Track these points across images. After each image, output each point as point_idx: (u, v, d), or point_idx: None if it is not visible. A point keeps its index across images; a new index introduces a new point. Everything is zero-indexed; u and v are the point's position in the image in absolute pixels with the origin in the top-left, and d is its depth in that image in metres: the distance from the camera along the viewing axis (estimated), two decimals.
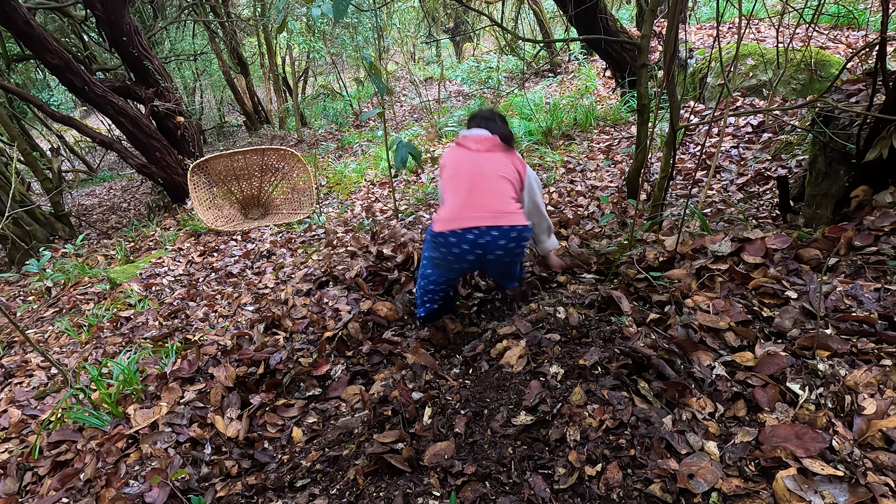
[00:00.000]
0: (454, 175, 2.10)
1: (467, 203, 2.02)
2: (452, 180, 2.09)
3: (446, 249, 2.04)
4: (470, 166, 2.09)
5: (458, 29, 13.27)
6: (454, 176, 2.10)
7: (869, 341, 1.50)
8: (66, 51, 5.24)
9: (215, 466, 1.78)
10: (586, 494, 1.30)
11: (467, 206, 2.01)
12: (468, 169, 2.08)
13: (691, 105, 4.72)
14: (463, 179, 2.06)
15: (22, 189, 5.70)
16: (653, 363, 1.59)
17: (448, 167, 2.14)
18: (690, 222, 2.69)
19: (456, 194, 2.05)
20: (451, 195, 2.06)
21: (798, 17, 2.89)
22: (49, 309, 3.76)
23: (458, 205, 2.03)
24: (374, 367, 2.25)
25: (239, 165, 5.50)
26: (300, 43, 9.46)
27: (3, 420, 2.34)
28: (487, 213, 1.99)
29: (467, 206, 2.01)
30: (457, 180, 2.08)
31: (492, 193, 2.03)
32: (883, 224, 1.95)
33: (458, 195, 2.04)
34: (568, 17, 5.54)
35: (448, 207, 2.05)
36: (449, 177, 2.12)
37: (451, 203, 2.05)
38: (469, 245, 1.99)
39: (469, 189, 2.03)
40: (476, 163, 2.09)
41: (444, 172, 2.15)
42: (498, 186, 2.05)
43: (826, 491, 1.14)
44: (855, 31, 5.55)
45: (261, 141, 10.18)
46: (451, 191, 2.07)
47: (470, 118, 2.30)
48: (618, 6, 10.85)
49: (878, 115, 1.89)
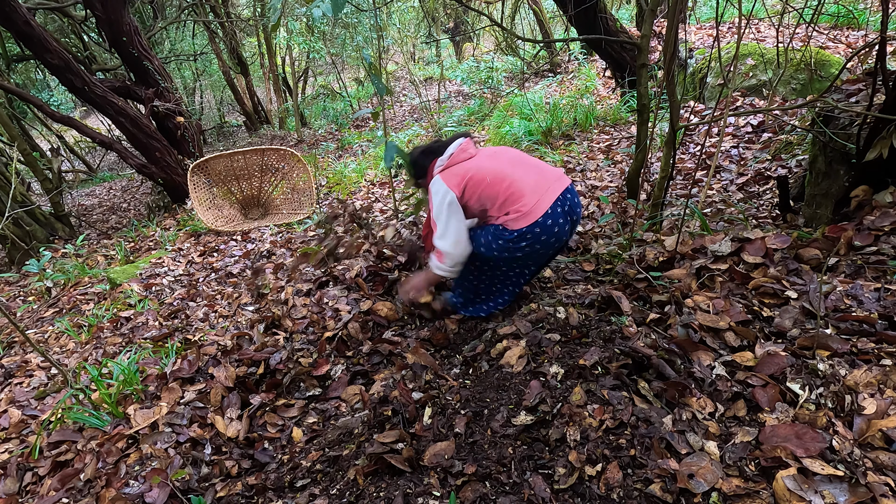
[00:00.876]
0: (498, 171, 2.00)
1: (536, 183, 1.98)
2: (501, 176, 1.99)
3: (536, 244, 1.98)
4: (502, 158, 2.08)
5: (458, 29, 13.27)
6: (499, 172, 2.00)
7: (869, 341, 1.50)
8: (66, 51, 5.24)
9: (215, 466, 1.78)
10: (586, 494, 1.30)
11: (538, 184, 1.99)
12: (503, 160, 2.07)
13: (691, 105, 4.72)
14: (509, 169, 2.01)
15: (22, 189, 5.70)
16: (653, 363, 1.59)
17: (483, 173, 2.01)
18: (690, 222, 2.69)
19: (517, 183, 1.97)
20: (514, 186, 1.97)
21: (798, 16, 2.89)
22: (49, 309, 3.76)
23: (529, 189, 1.96)
24: (374, 367, 2.24)
25: (239, 165, 5.50)
26: (300, 43, 9.47)
27: (3, 420, 2.34)
28: (553, 179, 2.03)
29: (538, 184, 1.99)
30: (506, 173, 2.00)
31: (539, 164, 2.10)
32: (883, 224, 1.95)
33: (521, 181, 1.97)
34: (568, 17, 5.54)
35: (520, 199, 1.95)
36: (495, 178, 1.99)
37: (519, 193, 1.96)
38: (562, 217, 2.00)
39: (524, 170, 2.02)
40: (498, 154, 2.11)
41: (483, 180, 2.00)
42: (535, 160, 2.14)
43: (826, 491, 1.14)
44: (855, 31, 5.55)
45: (261, 141, 10.18)
46: (508, 184, 1.97)
47: (434, 148, 2.19)
48: (618, 6, 10.85)
49: (878, 114, 1.89)
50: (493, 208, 2.00)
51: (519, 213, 1.94)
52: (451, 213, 2.02)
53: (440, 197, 2.02)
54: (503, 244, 2.00)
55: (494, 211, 2.00)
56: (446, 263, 2.08)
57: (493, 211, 2.01)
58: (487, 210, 2.02)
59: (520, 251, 2.00)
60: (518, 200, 1.95)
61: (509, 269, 2.15)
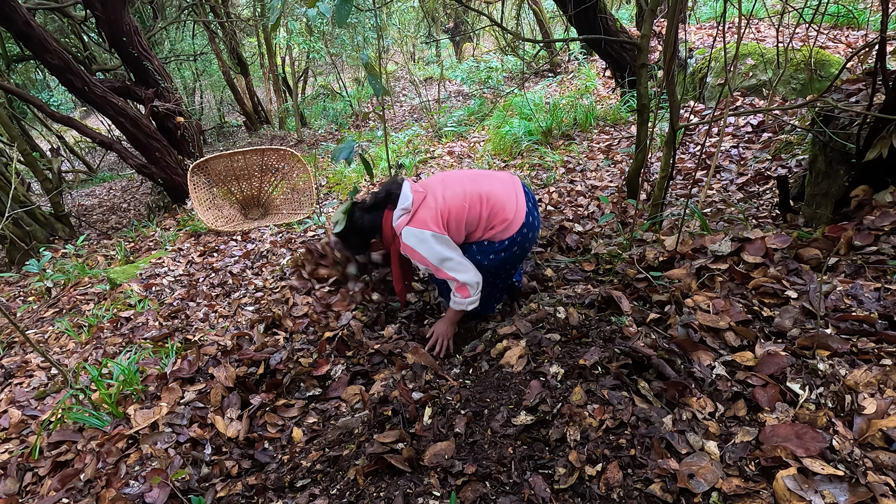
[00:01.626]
0: (469, 193, 1.97)
1: (505, 189, 2.01)
2: (474, 197, 1.98)
3: (525, 243, 2.03)
4: (459, 181, 2.02)
5: (458, 29, 13.27)
6: (470, 193, 1.98)
7: (869, 341, 1.50)
8: (66, 51, 5.23)
9: (215, 467, 1.78)
10: (586, 494, 1.30)
11: (507, 190, 2.01)
12: (463, 181, 2.01)
13: (691, 105, 4.72)
14: (476, 187, 1.99)
15: (22, 189, 5.70)
16: (653, 363, 1.59)
17: (457, 202, 1.96)
18: (690, 222, 2.69)
19: (492, 196, 1.98)
20: (491, 200, 1.98)
21: (798, 16, 2.89)
22: (49, 309, 3.76)
23: (504, 197, 1.99)
24: (375, 367, 2.25)
25: (239, 166, 5.50)
26: (300, 43, 9.47)
27: (4, 420, 2.34)
28: (510, 181, 2.06)
29: (507, 190, 2.01)
30: (476, 191, 1.98)
31: (492, 173, 2.10)
32: (883, 223, 1.95)
33: (493, 193, 1.98)
34: (568, 16, 5.54)
35: (503, 209, 1.97)
36: (471, 201, 1.97)
37: (499, 205, 1.98)
38: (535, 210, 2.05)
39: (488, 183, 2.02)
40: (451, 179, 2.04)
41: (462, 209, 1.96)
42: (485, 171, 2.15)
43: (826, 490, 1.14)
44: (855, 31, 5.55)
45: (261, 141, 10.18)
46: (485, 201, 1.98)
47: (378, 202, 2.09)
48: (618, 6, 10.85)
49: (878, 114, 1.89)
50: (479, 229, 1.99)
51: (506, 223, 1.97)
52: (450, 247, 1.95)
53: (430, 243, 1.91)
54: (496, 256, 2.02)
55: (479, 231, 1.99)
56: (473, 293, 2.01)
57: (477, 232, 2.00)
58: (472, 233, 2.01)
59: (512, 256, 2.04)
60: (501, 212, 1.97)
61: (503, 273, 2.16)
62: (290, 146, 9.09)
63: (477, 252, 2.03)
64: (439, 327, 2.19)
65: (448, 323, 2.16)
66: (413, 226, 1.92)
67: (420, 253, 1.92)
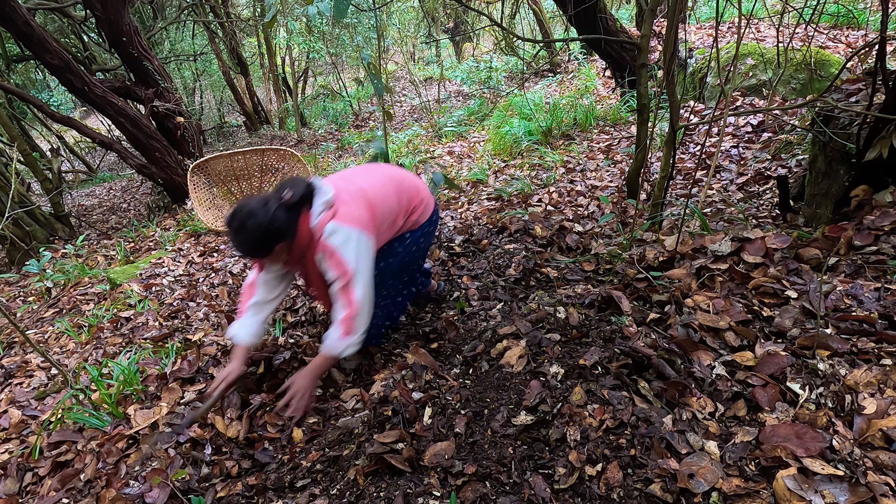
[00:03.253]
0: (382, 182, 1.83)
1: (405, 175, 1.97)
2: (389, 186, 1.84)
3: (436, 222, 2.03)
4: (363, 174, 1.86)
5: (458, 29, 13.27)
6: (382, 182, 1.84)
7: (869, 341, 1.50)
8: (66, 51, 5.24)
9: (215, 467, 1.78)
10: (586, 494, 1.30)
11: (407, 175, 1.97)
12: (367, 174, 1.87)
13: (691, 105, 4.72)
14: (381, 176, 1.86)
15: (22, 189, 5.70)
16: (653, 363, 1.59)
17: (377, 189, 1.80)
18: (690, 222, 2.69)
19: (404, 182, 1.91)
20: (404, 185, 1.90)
21: (798, 16, 2.89)
22: (49, 309, 3.76)
23: (413, 181, 1.96)
24: (375, 368, 2.24)
25: (239, 166, 5.50)
26: (300, 43, 9.46)
27: (4, 420, 2.34)
28: (410, 174, 2.02)
29: (407, 175, 1.97)
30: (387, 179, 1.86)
31: (381, 165, 2.05)
32: (883, 223, 1.95)
33: (403, 179, 1.92)
34: (567, 16, 5.54)
35: (417, 193, 1.93)
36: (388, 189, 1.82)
37: (413, 189, 1.93)
38: (435, 208, 2.03)
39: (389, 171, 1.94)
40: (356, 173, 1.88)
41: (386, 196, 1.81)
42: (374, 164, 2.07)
43: (826, 490, 1.14)
44: (855, 31, 5.55)
45: (261, 141, 10.18)
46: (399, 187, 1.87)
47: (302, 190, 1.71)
48: (618, 6, 10.85)
49: (877, 114, 1.89)
50: (399, 216, 1.84)
51: (423, 203, 1.93)
52: (369, 257, 1.70)
53: (355, 243, 1.64)
54: (421, 241, 1.96)
55: (400, 218, 1.85)
56: (358, 330, 1.71)
57: (399, 219, 1.85)
58: (394, 221, 1.84)
59: (430, 238, 2.00)
60: (416, 193, 1.91)
61: (411, 271, 2.05)
62: (290, 146, 9.09)
63: (399, 247, 1.89)
64: (300, 380, 1.82)
65: (313, 376, 1.81)
66: (338, 220, 1.63)
67: (340, 255, 1.63)
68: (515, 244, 2.90)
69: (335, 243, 1.62)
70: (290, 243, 1.66)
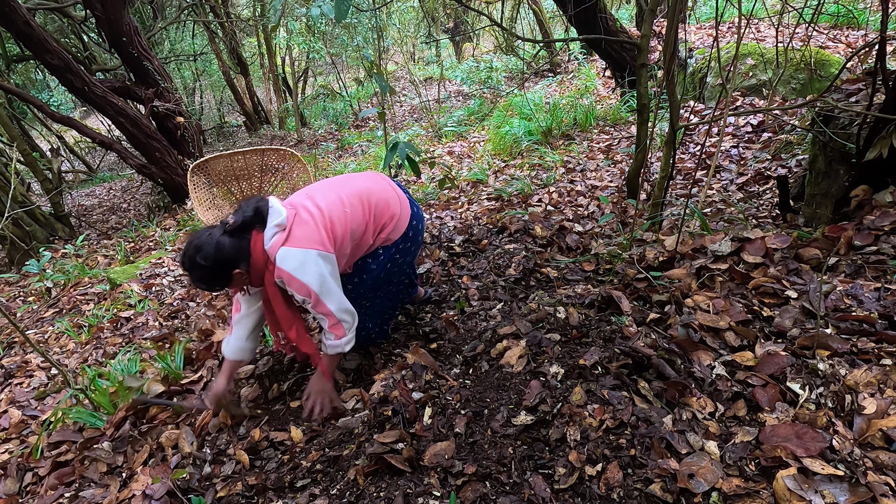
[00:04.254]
0: (346, 197, 1.75)
1: (379, 186, 1.85)
2: (353, 201, 1.76)
3: (417, 237, 1.93)
4: (330, 188, 1.78)
5: (458, 29, 13.27)
6: (347, 197, 1.75)
7: (869, 341, 1.51)
8: (66, 51, 5.24)
9: (216, 466, 1.78)
10: (586, 494, 1.30)
11: (382, 186, 1.86)
12: (334, 187, 1.78)
13: (691, 105, 4.72)
14: (349, 190, 1.78)
15: (22, 189, 5.70)
16: (653, 363, 1.59)
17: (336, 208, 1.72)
18: (690, 222, 2.69)
19: (372, 196, 1.81)
20: (372, 200, 1.80)
21: (798, 16, 2.89)
22: (49, 309, 3.76)
23: (383, 193, 1.84)
24: (374, 368, 2.24)
25: (239, 166, 5.50)
26: (300, 43, 9.47)
27: (4, 420, 2.34)
28: (380, 177, 1.93)
29: (382, 186, 1.86)
30: (352, 193, 1.77)
31: (356, 175, 1.93)
32: (883, 223, 1.95)
33: (371, 192, 1.81)
34: (568, 16, 5.54)
35: (387, 207, 1.82)
36: (351, 205, 1.75)
37: (383, 203, 1.82)
38: (419, 213, 1.96)
39: (360, 183, 1.84)
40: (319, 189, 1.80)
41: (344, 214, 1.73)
42: (348, 175, 1.95)
43: (826, 490, 1.14)
44: (855, 31, 5.55)
45: (261, 141, 10.18)
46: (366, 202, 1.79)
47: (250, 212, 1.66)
48: (618, 6, 10.85)
49: (877, 114, 1.89)
50: (368, 233, 1.78)
51: (395, 218, 1.81)
52: (334, 278, 1.67)
53: (312, 265, 1.60)
54: (393, 261, 1.88)
55: (370, 236, 1.79)
56: (348, 331, 1.76)
57: (368, 236, 1.79)
58: (362, 242, 1.79)
59: (409, 254, 1.93)
60: (385, 208, 1.81)
61: (397, 280, 2.01)
62: (290, 146, 9.09)
63: (373, 264, 1.85)
64: (316, 385, 1.84)
65: (325, 377, 1.83)
66: (290, 245, 1.60)
67: (299, 279, 1.59)
68: (515, 244, 2.90)
69: (290, 268, 1.59)
70: (246, 266, 1.64)
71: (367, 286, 1.91)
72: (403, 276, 2.06)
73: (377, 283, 1.92)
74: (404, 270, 2.01)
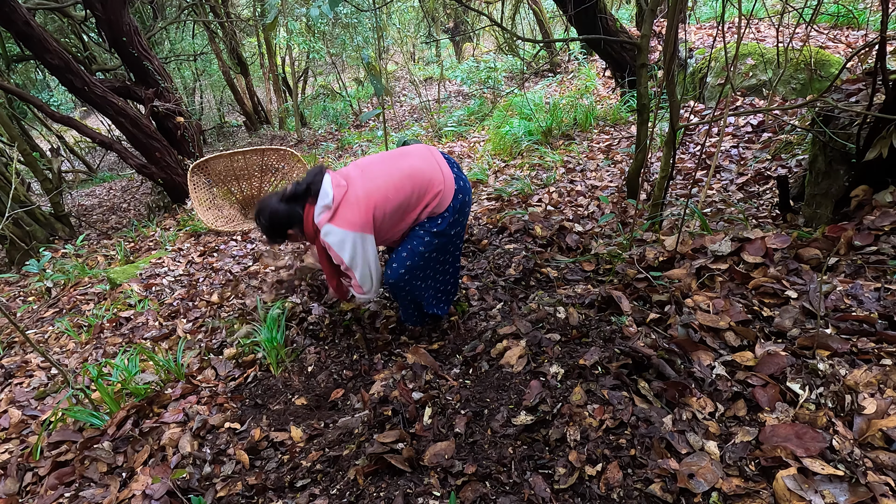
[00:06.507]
0: (392, 176, 1.89)
1: (426, 161, 1.94)
2: (399, 179, 1.89)
3: (465, 208, 1.99)
4: (379, 164, 1.94)
5: (458, 29, 13.27)
6: (393, 176, 1.89)
7: (869, 341, 1.50)
8: (66, 51, 5.24)
9: (216, 466, 1.78)
10: (586, 494, 1.30)
11: (428, 162, 1.93)
12: (384, 164, 1.93)
13: (691, 105, 4.72)
14: (397, 167, 1.91)
15: (22, 189, 5.70)
16: (653, 363, 1.59)
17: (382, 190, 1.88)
18: (690, 222, 2.69)
19: (417, 173, 1.91)
20: (417, 177, 1.91)
21: (798, 16, 2.89)
22: (49, 309, 3.76)
23: (429, 170, 1.92)
24: (374, 367, 2.24)
25: (239, 166, 5.50)
26: (300, 43, 9.46)
27: (4, 420, 2.34)
28: (427, 150, 2.00)
29: (428, 162, 1.93)
30: (398, 171, 1.90)
31: (406, 149, 2.01)
32: (883, 223, 1.95)
33: (417, 169, 1.91)
34: (568, 16, 5.54)
35: (431, 183, 1.91)
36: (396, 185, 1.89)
37: (427, 179, 1.91)
38: (466, 186, 2.00)
39: (409, 160, 1.94)
40: (370, 164, 1.96)
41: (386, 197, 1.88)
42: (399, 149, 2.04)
43: (826, 490, 1.14)
44: (855, 31, 5.55)
45: (261, 141, 10.18)
46: (410, 178, 1.90)
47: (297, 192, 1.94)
48: (618, 6, 10.85)
49: (877, 114, 1.89)
50: (412, 210, 1.93)
51: (439, 195, 1.91)
52: (365, 254, 1.90)
53: (350, 244, 1.86)
54: (441, 231, 1.97)
55: (416, 211, 1.94)
56: (366, 292, 2.03)
57: (413, 213, 1.94)
58: (409, 215, 1.94)
59: (453, 229, 2.00)
60: (430, 186, 1.91)
61: (448, 255, 2.10)
62: (290, 146, 9.09)
63: (424, 234, 1.96)
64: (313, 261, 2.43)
65: (330, 283, 2.30)
66: (335, 224, 1.86)
67: (336, 252, 1.89)
68: (515, 244, 2.90)
69: (331, 242, 1.88)
70: (300, 229, 1.96)
71: (417, 257, 2.03)
72: (453, 249, 2.13)
73: (426, 257, 2.04)
74: (453, 242, 2.08)
